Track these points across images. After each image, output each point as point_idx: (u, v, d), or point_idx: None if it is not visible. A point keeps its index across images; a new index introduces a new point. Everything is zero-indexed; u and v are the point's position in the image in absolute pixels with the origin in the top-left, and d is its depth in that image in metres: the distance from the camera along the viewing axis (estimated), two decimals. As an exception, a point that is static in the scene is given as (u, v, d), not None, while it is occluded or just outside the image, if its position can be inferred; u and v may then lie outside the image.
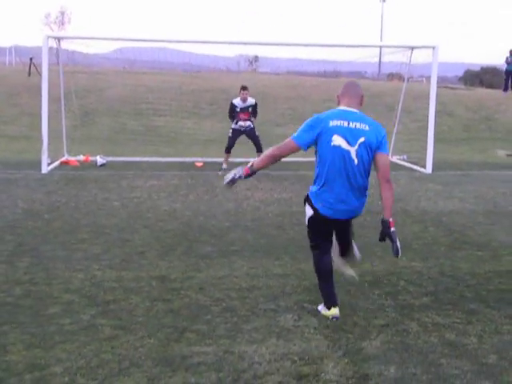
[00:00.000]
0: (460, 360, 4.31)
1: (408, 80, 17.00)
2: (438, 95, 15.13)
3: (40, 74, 21.34)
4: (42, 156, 13.13)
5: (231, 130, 13.87)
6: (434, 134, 14.85)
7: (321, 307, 5.16)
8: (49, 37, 13.89)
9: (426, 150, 14.70)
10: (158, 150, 17.67)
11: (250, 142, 13.93)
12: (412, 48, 15.64)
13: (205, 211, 9.32)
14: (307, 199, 5.03)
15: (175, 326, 4.80)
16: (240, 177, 5.03)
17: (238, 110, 13.57)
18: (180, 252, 7.01)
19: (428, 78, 16.58)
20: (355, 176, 4.78)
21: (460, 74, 54.27)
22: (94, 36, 15.55)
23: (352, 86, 5.05)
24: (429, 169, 14.46)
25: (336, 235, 5.21)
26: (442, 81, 16.36)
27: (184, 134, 20.78)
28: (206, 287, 5.75)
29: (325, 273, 5.14)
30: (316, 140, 4.79)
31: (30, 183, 11.52)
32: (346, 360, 4.25)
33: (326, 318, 5.01)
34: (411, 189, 11.83)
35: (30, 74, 26.78)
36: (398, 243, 4.89)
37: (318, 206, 4.90)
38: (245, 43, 16.13)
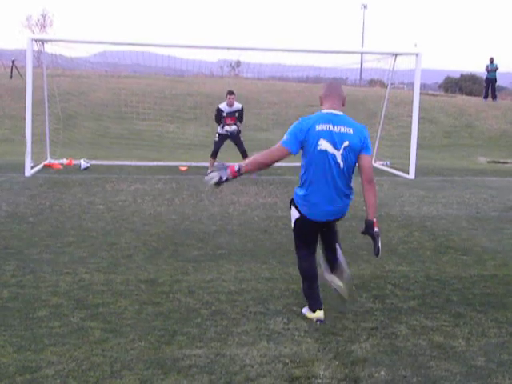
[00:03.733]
0: (449, 362, 4.35)
1: (390, 86, 17.15)
2: (420, 102, 15.27)
3: (22, 76, 21.24)
4: (25, 159, 13.03)
5: (217, 135, 13.87)
6: (417, 140, 14.98)
7: (305, 310, 5.19)
8: (33, 39, 13.78)
9: (408, 155, 14.82)
10: (142, 154, 17.65)
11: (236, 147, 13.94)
12: (395, 55, 15.78)
13: (190, 215, 9.31)
14: (293, 202, 5.07)
15: (165, 328, 4.80)
16: (227, 179, 4.88)
17: (225, 114, 13.57)
18: (167, 255, 7.00)
19: (409, 85, 16.75)
20: (341, 178, 4.83)
21: (439, 80, 54.82)
22: (77, 39, 15.48)
23: (334, 87, 5.04)
24: (412, 174, 14.59)
25: (322, 237, 5.23)
26: (422, 87, 16.53)
27: (167, 138, 20.76)
28: (194, 290, 5.75)
29: (309, 276, 5.16)
30: (303, 144, 4.81)
31: (13, 186, 11.43)
32: (337, 362, 4.27)
33: (311, 320, 5.06)
34: (395, 194, 11.92)
35: (11, 76, 26.61)
36: (380, 243, 4.88)
37: (303, 210, 4.95)
38: (228, 48, 16.13)
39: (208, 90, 25.84)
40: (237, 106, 13.63)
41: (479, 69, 36.44)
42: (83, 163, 14.50)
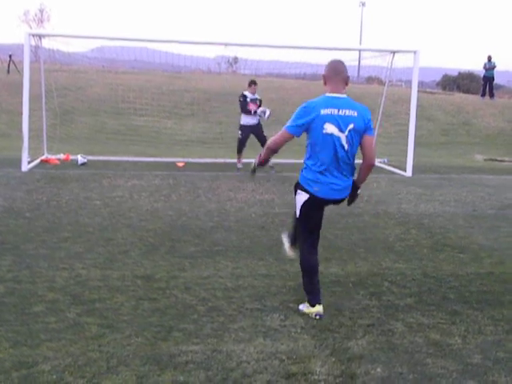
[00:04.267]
0: (445, 360, 4.36)
1: (388, 84, 17.14)
2: (417, 99, 15.26)
3: (19, 71, 21.19)
4: (22, 154, 13.00)
5: (240, 131, 14.12)
6: (414, 138, 14.99)
7: (302, 306, 5.21)
8: (30, 34, 13.74)
9: (406, 153, 14.83)
10: (139, 150, 17.61)
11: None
12: (393, 52, 15.76)
13: (187, 211, 9.30)
14: (299, 186, 5.10)
15: (162, 324, 4.79)
16: (255, 165, 5.53)
17: (249, 99, 13.97)
18: (164, 251, 6.99)
19: (407, 82, 16.75)
20: (345, 160, 4.93)
21: (437, 78, 54.86)
22: (75, 34, 15.42)
23: (338, 68, 5.05)
24: (409, 172, 14.59)
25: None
26: (419, 85, 16.54)
27: (164, 134, 20.70)
28: (191, 287, 5.75)
29: (311, 269, 5.21)
30: (308, 127, 4.90)
31: (10, 181, 11.40)
32: (333, 359, 4.27)
33: (309, 315, 5.07)
34: (392, 191, 11.92)
35: (9, 71, 26.57)
36: (354, 201, 5.31)
37: (313, 189, 4.97)
38: (225, 44, 16.08)
39: (205, 87, 25.78)
40: (257, 96, 14.17)
41: (477, 67, 36.43)
42: (80, 159, 14.47)
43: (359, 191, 5.26)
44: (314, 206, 5.08)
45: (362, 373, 4.09)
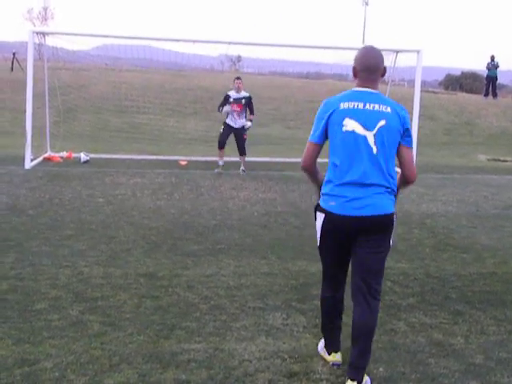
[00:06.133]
0: (447, 360, 4.35)
1: (391, 83, 17.13)
2: (420, 99, 15.26)
3: (23, 69, 21.19)
4: (25, 152, 13.02)
5: (223, 126, 13.80)
6: (417, 138, 14.97)
7: (321, 347, 4.35)
8: (34, 32, 13.76)
9: (408, 152, 14.78)
10: (142, 148, 17.62)
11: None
12: (396, 52, 15.75)
13: (190, 209, 9.31)
14: (317, 207, 4.01)
15: (164, 323, 4.80)
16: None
17: (231, 100, 13.51)
18: (166, 249, 6.99)
19: (409, 82, 16.74)
20: (374, 166, 3.79)
21: (440, 78, 54.86)
22: (78, 32, 15.45)
23: (370, 58, 3.96)
24: (411, 171, 14.53)
25: (354, 262, 4.07)
26: (422, 85, 16.55)
27: (167, 132, 20.70)
28: (193, 285, 5.75)
29: (332, 311, 4.23)
30: (327, 127, 3.88)
31: (13, 179, 11.42)
32: (336, 358, 4.27)
33: (310, 315, 5.03)
34: (394, 191, 11.88)
35: (12, 69, 26.60)
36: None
37: (329, 205, 3.86)
38: (228, 43, 16.09)
39: (208, 85, 25.81)
40: (244, 93, 13.63)
41: (480, 66, 36.49)
42: (83, 156, 14.48)
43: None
44: (332, 231, 3.92)
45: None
